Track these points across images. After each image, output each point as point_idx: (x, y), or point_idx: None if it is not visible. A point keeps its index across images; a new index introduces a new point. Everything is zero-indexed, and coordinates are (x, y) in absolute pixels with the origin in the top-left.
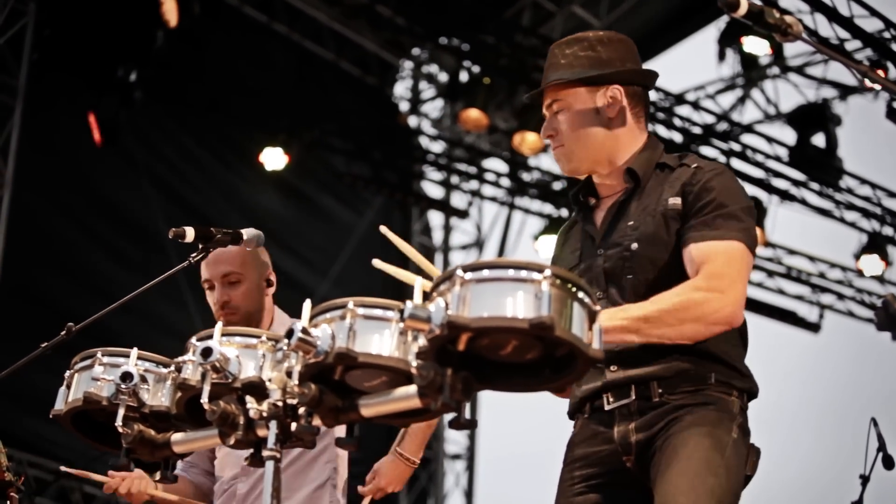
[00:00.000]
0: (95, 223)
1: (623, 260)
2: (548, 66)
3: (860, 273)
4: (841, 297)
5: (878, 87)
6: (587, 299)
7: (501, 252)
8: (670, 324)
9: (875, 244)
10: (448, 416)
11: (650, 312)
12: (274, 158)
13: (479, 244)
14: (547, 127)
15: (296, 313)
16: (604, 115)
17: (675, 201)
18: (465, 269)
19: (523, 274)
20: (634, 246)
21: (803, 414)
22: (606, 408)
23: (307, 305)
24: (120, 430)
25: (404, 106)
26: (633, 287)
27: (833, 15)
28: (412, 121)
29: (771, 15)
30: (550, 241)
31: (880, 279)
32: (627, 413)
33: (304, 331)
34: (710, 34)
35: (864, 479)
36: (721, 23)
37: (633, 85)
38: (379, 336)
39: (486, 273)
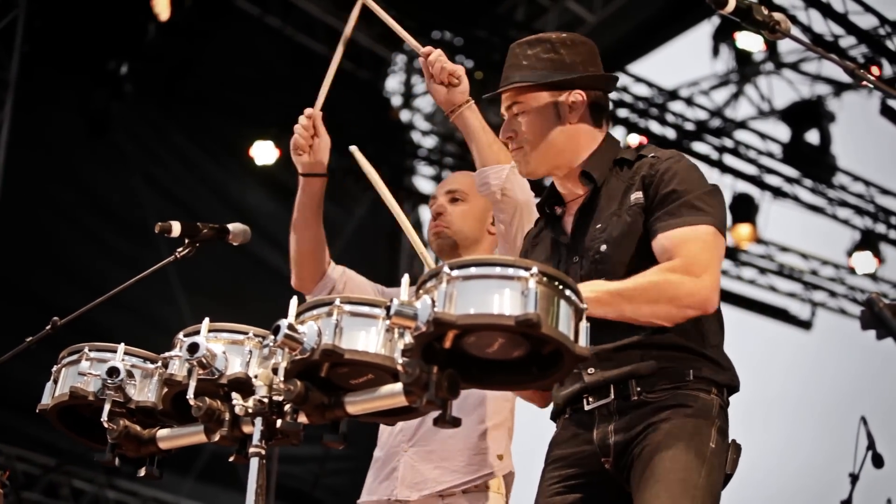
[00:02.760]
0: (84, 217)
1: (595, 263)
2: (508, 65)
3: (852, 271)
4: (833, 294)
5: (868, 84)
6: (574, 297)
7: None
8: (644, 301)
9: (868, 241)
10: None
11: (625, 288)
12: (265, 152)
13: None
14: (506, 128)
15: (284, 309)
16: (564, 119)
17: (638, 196)
18: (452, 266)
19: (510, 271)
20: (604, 248)
21: (794, 412)
22: (586, 408)
23: (294, 302)
24: (106, 425)
25: (397, 100)
26: None
27: (827, 11)
28: (404, 115)
29: (759, 12)
30: None
31: (873, 277)
32: (607, 413)
33: (291, 327)
34: (704, 30)
35: (854, 478)
36: (715, 19)
37: (595, 90)
38: (365, 333)
39: (472, 270)
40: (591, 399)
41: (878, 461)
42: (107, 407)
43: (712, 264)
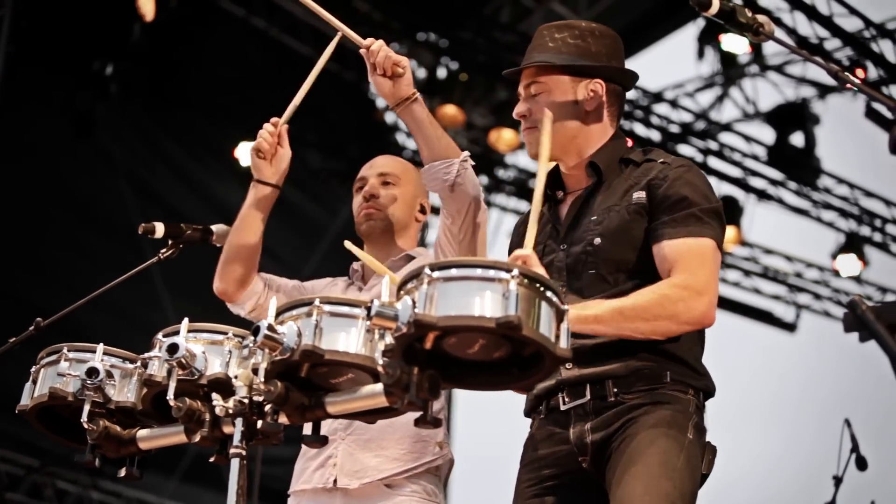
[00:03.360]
0: (68, 218)
1: (586, 255)
2: (533, 46)
3: (837, 273)
4: (818, 297)
5: (853, 87)
6: (555, 298)
7: None
8: (645, 319)
9: (852, 244)
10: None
11: (626, 306)
12: (249, 154)
13: None
14: (522, 107)
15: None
16: (581, 107)
17: (640, 196)
18: (433, 267)
19: (491, 273)
20: (597, 241)
21: (778, 414)
22: (562, 408)
23: (273, 302)
24: (85, 425)
25: (381, 102)
26: (595, 282)
27: (812, 13)
28: (389, 117)
29: (742, 14)
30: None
31: (857, 279)
32: (583, 413)
33: (271, 328)
34: (689, 32)
35: (838, 480)
36: (700, 21)
37: (615, 83)
38: (346, 334)
39: (453, 272)
40: (566, 398)
41: (861, 464)
42: (86, 407)
43: (712, 280)
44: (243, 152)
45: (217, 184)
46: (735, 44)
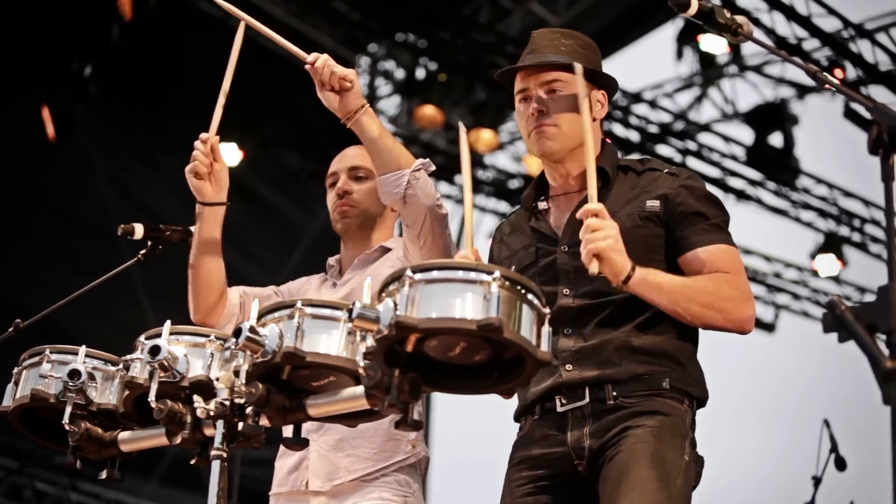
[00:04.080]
0: (47, 219)
1: None
2: (541, 46)
3: (816, 273)
4: (796, 297)
5: (830, 88)
6: (536, 301)
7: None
8: (701, 303)
9: (831, 244)
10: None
11: (689, 285)
12: (228, 154)
13: None
14: (541, 101)
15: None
16: (592, 112)
17: (654, 204)
18: (415, 269)
19: (472, 275)
20: None
21: (756, 414)
22: (559, 409)
23: (255, 304)
24: (67, 427)
25: None
26: (604, 283)
27: (791, 14)
28: None
29: (721, 15)
30: None
31: (836, 279)
32: (581, 416)
33: (252, 330)
34: (668, 32)
35: (817, 481)
36: (679, 21)
37: (610, 95)
38: (327, 336)
39: (435, 274)
40: (564, 400)
41: (840, 464)
42: (68, 409)
43: (751, 291)
44: (222, 153)
45: None
46: (714, 44)
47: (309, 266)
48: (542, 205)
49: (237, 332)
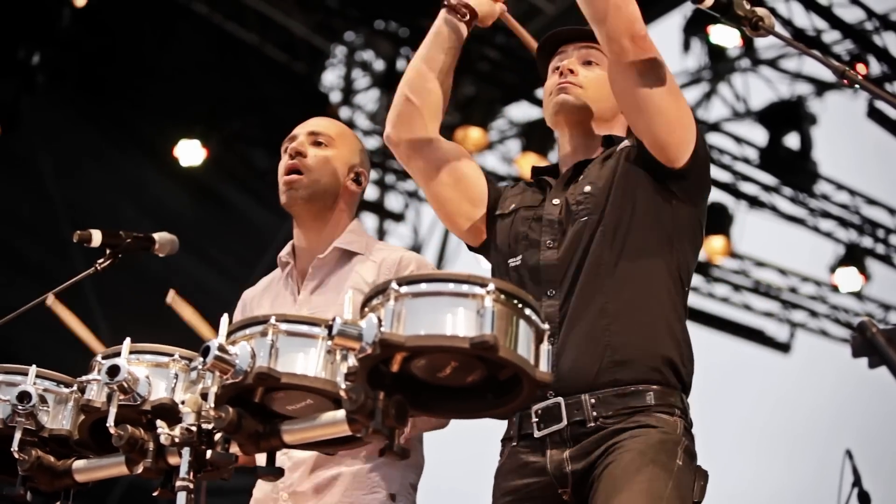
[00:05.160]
0: None
1: (577, 204)
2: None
3: (835, 288)
4: (814, 314)
5: (855, 84)
6: (534, 316)
7: (441, 259)
8: None
9: (852, 256)
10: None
11: None
12: (190, 152)
13: (415, 250)
14: (572, 64)
15: (209, 326)
16: None
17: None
18: (401, 282)
19: (464, 288)
20: (587, 188)
21: (772, 442)
22: (536, 434)
23: (224, 320)
24: (16, 455)
25: (335, 96)
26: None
27: (810, 3)
28: (344, 113)
29: (741, 6)
30: None
31: (857, 295)
32: (560, 440)
33: (221, 348)
34: (673, 21)
35: None
36: (686, 10)
37: None
38: (304, 355)
39: (423, 287)
40: (541, 424)
41: (864, 499)
42: (17, 435)
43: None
44: (183, 151)
45: (155, 185)
46: (725, 36)
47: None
48: (551, 180)
49: (205, 351)
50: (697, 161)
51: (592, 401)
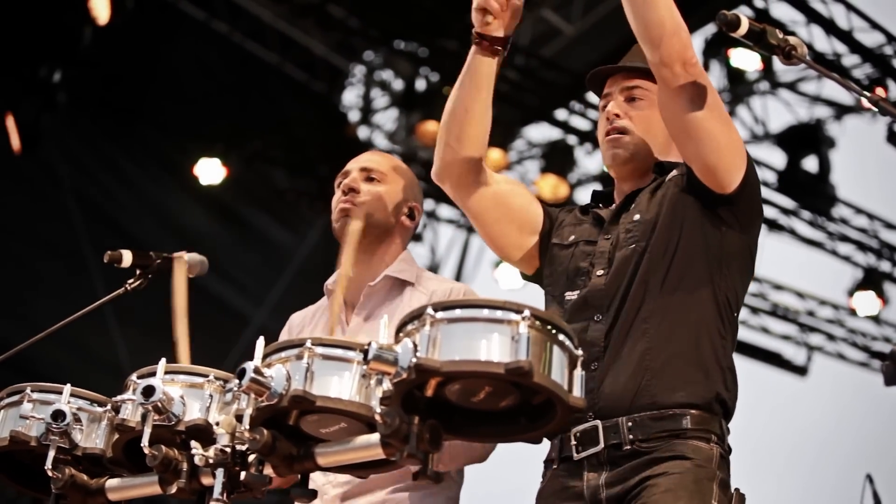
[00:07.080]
0: (10, 240)
1: (627, 232)
2: (634, 53)
3: (853, 312)
4: (831, 337)
5: (876, 108)
6: (568, 342)
7: (458, 279)
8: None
9: (870, 280)
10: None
11: None
12: (210, 171)
13: (433, 270)
14: (619, 106)
15: (228, 344)
16: None
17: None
18: (436, 307)
19: (499, 314)
20: (637, 217)
21: (788, 466)
22: (575, 457)
23: (260, 343)
24: (50, 473)
25: (354, 116)
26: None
27: (830, 27)
28: (363, 132)
29: (774, 35)
30: (511, 269)
31: (875, 319)
32: (597, 463)
33: (257, 371)
34: (694, 44)
35: None
36: (706, 32)
37: None
38: (339, 378)
39: (458, 312)
40: (579, 447)
41: None
42: (51, 454)
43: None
44: (203, 170)
45: (174, 204)
46: (745, 60)
47: (296, 295)
48: (603, 211)
49: (241, 373)
50: (747, 187)
51: (629, 424)
